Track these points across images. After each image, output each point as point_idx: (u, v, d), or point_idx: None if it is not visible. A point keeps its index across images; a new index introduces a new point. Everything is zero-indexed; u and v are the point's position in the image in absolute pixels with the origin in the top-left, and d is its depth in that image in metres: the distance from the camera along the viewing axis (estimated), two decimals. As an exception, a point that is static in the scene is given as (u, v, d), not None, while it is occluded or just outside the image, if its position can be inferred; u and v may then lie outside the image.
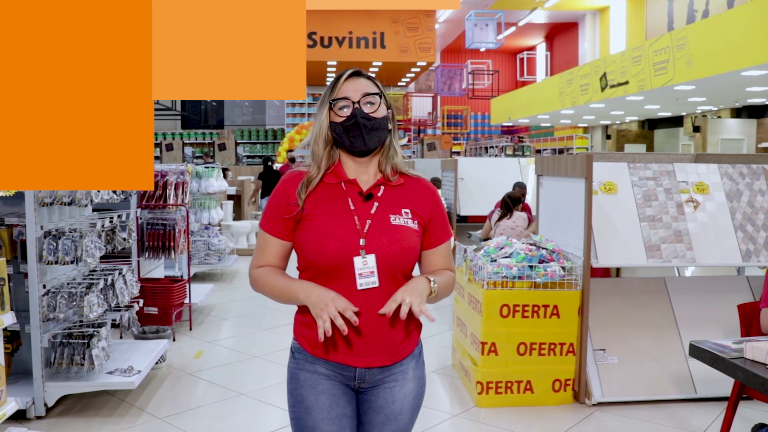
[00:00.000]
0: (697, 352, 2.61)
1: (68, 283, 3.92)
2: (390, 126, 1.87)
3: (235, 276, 8.77)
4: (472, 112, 26.65)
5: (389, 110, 1.87)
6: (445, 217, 1.94)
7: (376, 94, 1.82)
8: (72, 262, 3.74)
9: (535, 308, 4.00)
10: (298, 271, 1.88)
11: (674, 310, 4.36)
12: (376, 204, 1.83)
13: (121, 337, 5.15)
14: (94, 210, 4.66)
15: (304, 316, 1.84)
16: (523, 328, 4.01)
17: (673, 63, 10.75)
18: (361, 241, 1.78)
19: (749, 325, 3.20)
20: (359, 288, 1.77)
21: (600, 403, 4.06)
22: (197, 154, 21.92)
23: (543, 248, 4.20)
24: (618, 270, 5.40)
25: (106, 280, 3.99)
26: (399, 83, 24.24)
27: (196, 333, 5.79)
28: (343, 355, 1.81)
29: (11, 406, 2.40)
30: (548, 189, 4.75)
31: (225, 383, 4.50)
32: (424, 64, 20.00)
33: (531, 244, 4.28)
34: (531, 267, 4.04)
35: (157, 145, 22.30)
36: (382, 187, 1.86)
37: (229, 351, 5.29)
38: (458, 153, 23.79)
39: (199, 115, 24.56)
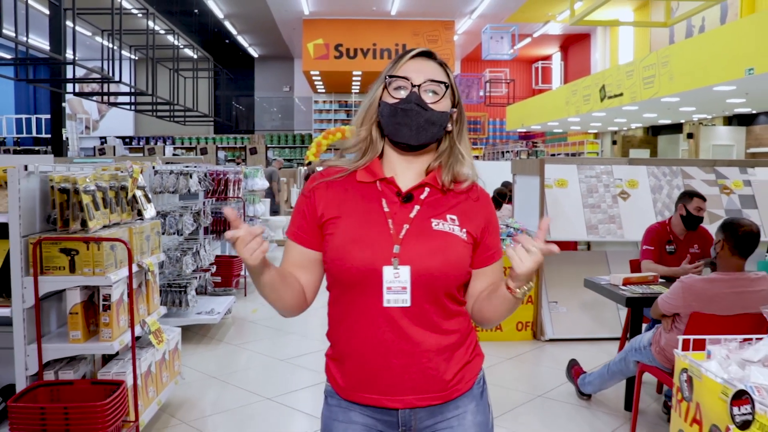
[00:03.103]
0: (586, 283, 4.13)
1: (168, 249, 5.50)
2: (451, 127, 1.56)
3: (275, 260, 10.29)
4: (490, 118, 28.04)
5: (455, 108, 1.56)
6: (498, 230, 1.65)
7: (443, 83, 1.52)
8: (174, 234, 5.33)
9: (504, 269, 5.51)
10: (328, 291, 1.60)
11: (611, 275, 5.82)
12: (416, 207, 1.52)
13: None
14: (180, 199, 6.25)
15: (331, 348, 1.59)
16: (495, 284, 5.52)
17: (659, 78, 12.15)
18: (395, 248, 1.47)
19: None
20: (385, 305, 1.46)
21: (551, 340, 5.56)
22: (229, 158, 23.55)
23: (511, 227, 5.72)
24: (588, 245, 6.87)
25: (197, 246, 5.58)
26: (420, 91, 25.75)
27: (249, 298, 7.37)
28: (377, 395, 1.50)
29: (163, 309, 3.95)
30: (519, 184, 6.26)
31: (277, 327, 6.07)
32: (443, 73, 21.49)
33: (504, 225, 5.79)
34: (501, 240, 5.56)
35: (192, 148, 24.04)
36: (427, 190, 1.54)
37: (276, 309, 6.86)
38: (477, 157, 25.21)
39: (231, 121, 26.07)
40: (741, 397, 1.66)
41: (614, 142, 21.50)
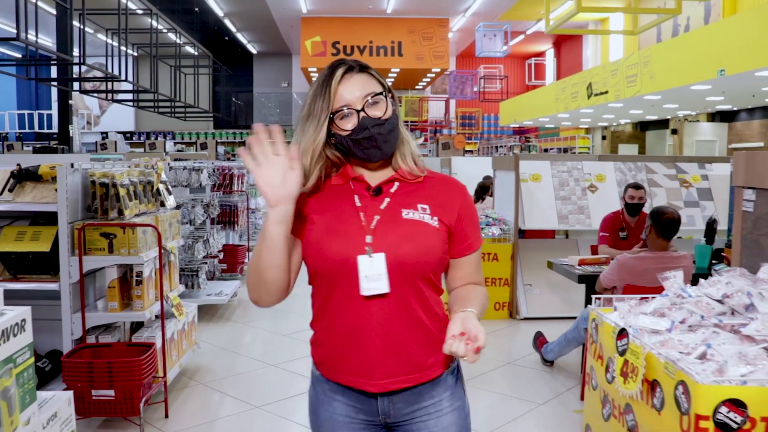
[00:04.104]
0: (549, 264, 4.75)
1: (182, 237, 6.11)
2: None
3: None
4: (485, 113, 28.60)
5: (391, 96, 1.61)
6: (476, 220, 1.68)
7: (379, 93, 1.57)
8: (186, 223, 5.94)
9: (482, 255, 6.13)
10: (309, 285, 1.66)
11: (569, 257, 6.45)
12: (387, 199, 1.60)
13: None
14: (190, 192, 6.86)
15: (315, 334, 1.66)
16: (475, 268, 6.15)
17: (641, 77, 12.75)
18: (368, 238, 1.54)
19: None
20: (363, 293, 1.52)
21: (525, 318, 6.19)
22: (226, 151, 23.97)
23: (490, 217, 6.34)
24: (566, 233, 7.48)
25: (206, 235, 6.20)
26: (416, 87, 26.37)
27: (252, 284, 7.98)
28: (354, 377, 1.58)
29: (181, 289, 4.57)
30: (499, 179, 6.88)
31: (279, 308, 6.66)
32: (438, 70, 22.03)
33: (483, 215, 6.41)
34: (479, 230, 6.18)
35: (191, 143, 24.53)
36: (397, 183, 1.62)
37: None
38: (471, 152, 25.83)
39: (231, 116, 26.47)
40: (621, 333, 2.28)
41: (604, 137, 22.11)
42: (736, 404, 1.81)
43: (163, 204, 4.40)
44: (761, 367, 2.00)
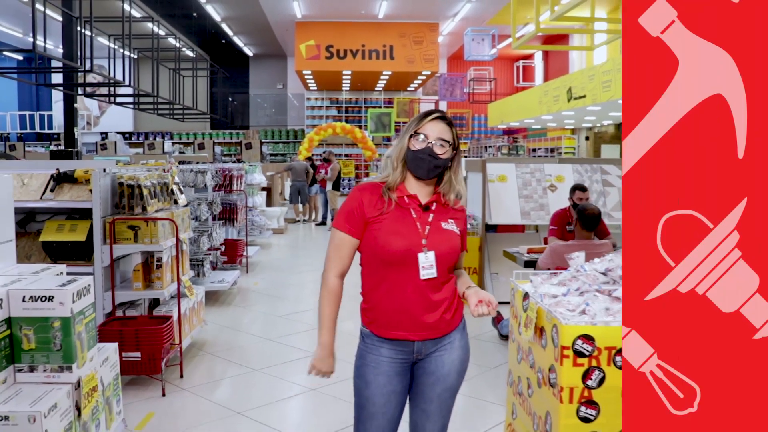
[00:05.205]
0: (504, 253, 5.58)
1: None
2: (450, 164, 2.30)
3: (271, 245, 11.79)
4: (474, 114, 29.35)
5: (455, 151, 2.30)
6: (466, 232, 2.43)
7: (448, 142, 2.24)
8: (193, 219, 6.74)
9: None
10: (360, 266, 2.34)
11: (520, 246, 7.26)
12: (431, 215, 2.28)
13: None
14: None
15: (367, 303, 2.34)
16: (447, 258, 6.97)
17: (615, 82, 13.57)
18: (423, 241, 2.23)
19: (549, 247, 6.12)
20: (422, 278, 2.22)
21: (492, 302, 7.00)
22: (225, 153, 24.64)
23: (462, 214, 7.17)
24: (536, 227, 8.28)
25: (210, 230, 7.01)
26: (408, 89, 27.14)
27: (251, 275, 8.81)
28: (404, 332, 2.27)
29: (191, 274, 5.37)
30: (471, 180, 7.70)
31: (275, 294, 7.51)
32: (428, 73, 22.78)
33: (456, 212, 7.24)
34: (452, 223, 7.01)
35: (189, 143, 25.15)
36: (435, 204, 2.31)
37: (274, 282, 8.31)
38: (461, 151, 26.49)
39: (227, 117, 27.07)
40: (525, 296, 3.10)
41: (587, 138, 22.91)
42: (587, 338, 2.63)
43: (176, 202, 5.20)
44: (618, 318, 2.83)
